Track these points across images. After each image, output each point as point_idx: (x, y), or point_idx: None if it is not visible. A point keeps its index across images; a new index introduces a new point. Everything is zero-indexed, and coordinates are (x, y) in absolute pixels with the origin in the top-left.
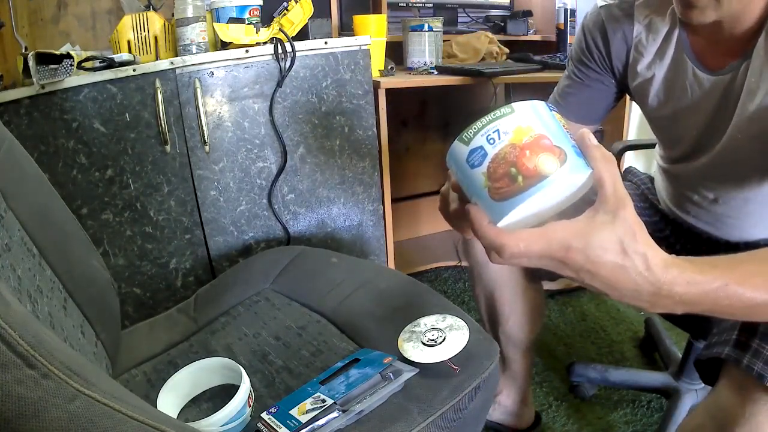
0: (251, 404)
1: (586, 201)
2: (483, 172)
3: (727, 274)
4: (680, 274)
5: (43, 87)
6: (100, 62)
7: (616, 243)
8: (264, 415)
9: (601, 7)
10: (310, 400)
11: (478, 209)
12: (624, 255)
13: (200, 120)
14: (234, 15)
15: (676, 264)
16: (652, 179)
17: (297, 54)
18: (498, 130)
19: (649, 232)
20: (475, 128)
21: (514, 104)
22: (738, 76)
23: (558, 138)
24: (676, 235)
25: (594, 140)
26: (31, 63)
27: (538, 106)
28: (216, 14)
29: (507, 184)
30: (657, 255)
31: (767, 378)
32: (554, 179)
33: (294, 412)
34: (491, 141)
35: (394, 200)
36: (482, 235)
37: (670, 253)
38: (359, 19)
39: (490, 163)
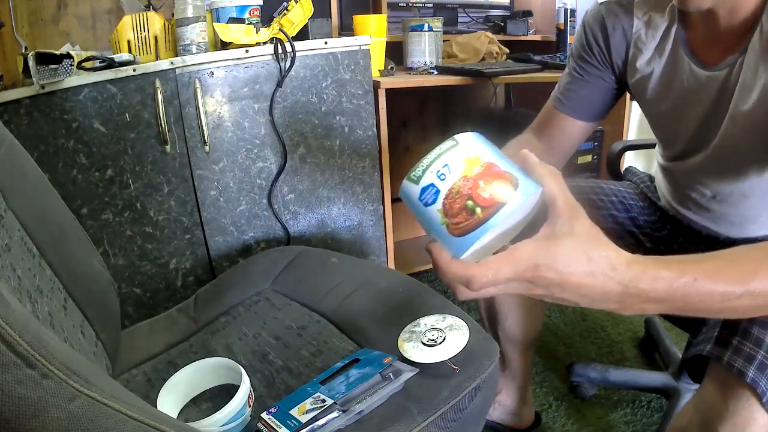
0: (251, 404)
1: (538, 219)
2: (438, 209)
3: (696, 269)
4: (644, 270)
5: (43, 87)
6: (100, 62)
7: (581, 252)
8: (264, 415)
9: (601, 3)
10: (310, 400)
11: (439, 247)
12: (589, 261)
13: (200, 120)
14: (234, 15)
15: (639, 261)
16: (651, 178)
17: (297, 54)
18: (447, 165)
19: (648, 232)
20: (422, 165)
21: (455, 136)
22: (733, 71)
23: (504, 164)
24: (675, 233)
25: (535, 158)
26: (31, 63)
27: (478, 135)
28: (216, 14)
29: (466, 218)
30: (620, 254)
31: (748, 374)
32: (511, 204)
33: (294, 412)
34: (442, 177)
35: (394, 200)
36: (447, 272)
37: (668, 251)
38: (359, 19)
39: (444, 200)
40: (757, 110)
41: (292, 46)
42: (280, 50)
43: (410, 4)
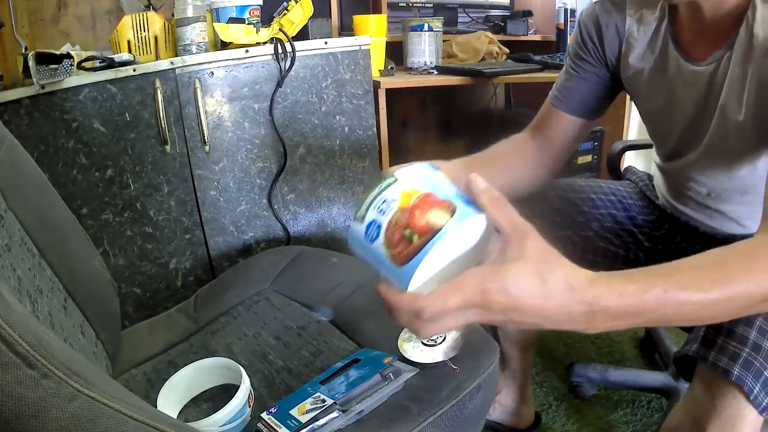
0: (251, 404)
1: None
2: (381, 243)
3: (666, 281)
4: (608, 286)
5: (43, 87)
6: (100, 62)
7: (532, 274)
8: (264, 415)
9: (595, 2)
10: (310, 400)
11: (387, 285)
12: (542, 282)
13: (200, 120)
14: (234, 15)
15: (602, 279)
16: (650, 177)
17: (297, 54)
18: (386, 200)
19: (647, 231)
20: (365, 204)
21: (396, 172)
22: (720, 66)
23: (444, 192)
24: (673, 231)
25: (481, 184)
26: (31, 63)
27: (420, 168)
28: (216, 14)
29: (405, 246)
30: (577, 273)
31: (733, 373)
32: (447, 229)
33: (294, 412)
34: (382, 212)
35: None
36: (398, 306)
37: (666, 250)
38: (359, 19)
39: (385, 232)
40: (746, 107)
41: (292, 46)
42: (280, 50)
43: (410, 4)
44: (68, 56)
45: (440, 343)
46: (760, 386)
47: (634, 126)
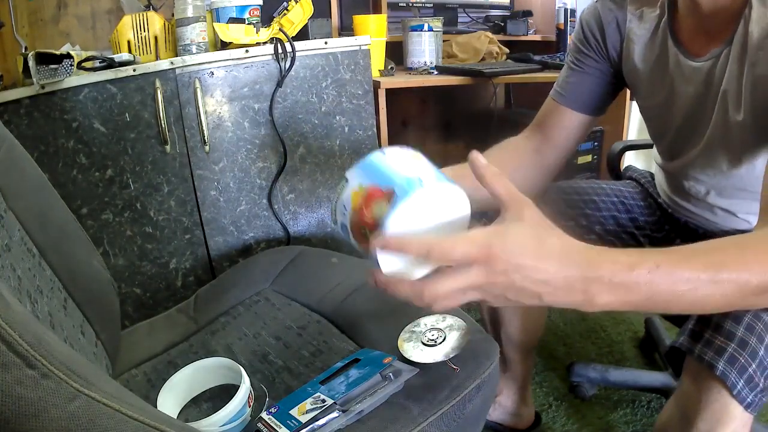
0: (251, 404)
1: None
2: (353, 239)
3: (659, 257)
4: (599, 254)
5: (43, 87)
6: (100, 62)
7: (532, 237)
8: (264, 415)
9: (597, 0)
10: (310, 400)
11: (376, 272)
12: (541, 243)
13: (200, 120)
14: (234, 15)
15: (595, 248)
16: (652, 175)
17: (297, 54)
18: (343, 205)
19: (648, 233)
20: (332, 210)
21: (347, 173)
22: (718, 63)
23: (388, 180)
24: (675, 231)
25: (482, 160)
26: (31, 63)
27: (367, 160)
28: (216, 14)
29: (366, 242)
30: (571, 240)
31: (717, 367)
32: (389, 215)
33: (294, 412)
34: (344, 215)
35: None
36: (404, 244)
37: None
38: (359, 19)
39: (351, 231)
40: (744, 106)
41: (292, 46)
42: (280, 50)
43: (410, 4)
44: (68, 56)
45: (440, 343)
46: (743, 382)
47: (634, 126)
